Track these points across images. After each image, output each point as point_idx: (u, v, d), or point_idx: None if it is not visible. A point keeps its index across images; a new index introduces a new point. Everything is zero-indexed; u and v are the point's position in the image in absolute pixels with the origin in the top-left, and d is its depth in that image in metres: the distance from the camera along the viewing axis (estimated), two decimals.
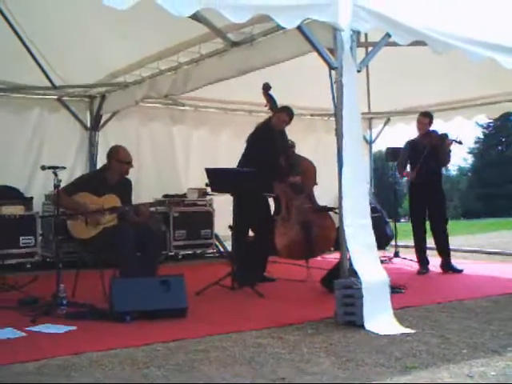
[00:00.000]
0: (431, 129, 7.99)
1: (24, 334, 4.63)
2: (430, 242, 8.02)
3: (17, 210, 5.20)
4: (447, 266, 7.83)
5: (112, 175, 6.31)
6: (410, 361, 3.81)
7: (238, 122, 9.92)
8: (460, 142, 7.85)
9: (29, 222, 8.19)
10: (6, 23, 7.03)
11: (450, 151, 7.92)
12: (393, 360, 3.83)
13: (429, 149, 7.70)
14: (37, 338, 4.52)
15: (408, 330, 4.58)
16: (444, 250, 7.91)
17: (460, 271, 7.78)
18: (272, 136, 6.97)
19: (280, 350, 4.13)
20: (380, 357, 3.90)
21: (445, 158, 7.93)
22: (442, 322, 4.95)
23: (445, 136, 7.82)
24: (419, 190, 7.84)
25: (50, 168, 5.60)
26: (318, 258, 7.35)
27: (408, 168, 8.13)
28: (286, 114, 7.05)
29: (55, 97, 9.27)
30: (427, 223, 8.04)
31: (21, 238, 8.18)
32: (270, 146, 6.93)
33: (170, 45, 7.15)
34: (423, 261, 7.90)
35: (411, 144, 8.08)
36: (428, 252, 8.01)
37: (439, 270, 7.83)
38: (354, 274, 4.80)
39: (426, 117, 7.95)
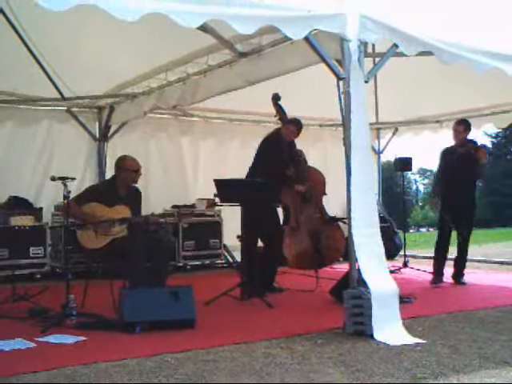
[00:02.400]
0: (469, 138, 7.72)
1: (34, 344, 4.65)
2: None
3: (27, 220, 5.22)
4: (457, 279, 7.72)
5: (121, 185, 6.34)
6: (419, 371, 3.80)
7: (246, 133, 9.96)
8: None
9: (38, 232, 8.23)
10: (15, 35, 7.08)
11: (485, 163, 7.73)
12: (402, 370, 3.82)
13: (463, 158, 7.48)
14: (47, 349, 4.54)
15: (417, 340, 4.56)
16: (460, 262, 7.77)
17: (463, 283, 7.67)
18: (281, 147, 6.99)
19: (289, 360, 4.12)
20: (389, 367, 3.89)
21: (479, 169, 7.72)
22: (452, 332, 4.93)
23: (482, 147, 7.69)
24: (451, 199, 7.60)
25: (59, 179, 5.63)
26: (327, 268, 7.32)
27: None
28: (295, 125, 7.07)
29: (64, 108, 9.32)
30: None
31: (31, 249, 8.23)
32: (278, 157, 6.94)
33: (178, 56, 7.19)
34: (439, 272, 7.71)
35: (446, 152, 7.83)
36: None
37: (450, 280, 7.76)
38: (363, 283, 4.79)
39: (460, 124, 7.65)
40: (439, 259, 7.78)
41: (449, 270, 7.82)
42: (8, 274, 6.80)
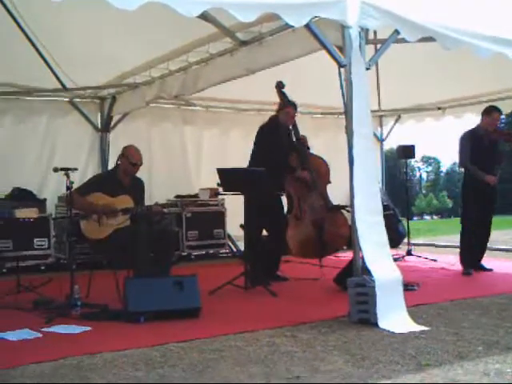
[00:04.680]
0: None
1: (40, 334, 4.67)
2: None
3: (31, 212, 5.22)
4: (479, 265, 7.59)
5: (123, 174, 6.34)
6: (424, 358, 3.80)
7: (249, 122, 9.87)
8: None
9: (42, 224, 8.23)
10: (16, 26, 7.07)
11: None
12: (407, 358, 3.82)
13: (495, 143, 7.44)
14: (52, 339, 4.56)
15: (422, 328, 4.57)
16: (482, 248, 7.66)
17: (490, 270, 7.56)
18: (280, 134, 6.99)
19: (294, 348, 4.13)
20: (394, 354, 3.90)
21: (502, 155, 7.68)
22: (456, 319, 4.94)
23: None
24: (478, 187, 7.40)
25: (62, 170, 5.64)
26: (331, 257, 7.33)
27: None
28: (294, 107, 7.06)
29: (66, 99, 9.33)
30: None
31: (35, 240, 8.24)
32: (278, 144, 6.93)
33: (179, 45, 7.17)
34: (470, 261, 7.53)
35: (472, 136, 7.51)
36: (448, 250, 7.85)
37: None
38: (367, 271, 4.79)
39: (498, 111, 7.46)
40: (469, 247, 7.55)
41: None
42: (12, 266, 6.80)
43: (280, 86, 7.08)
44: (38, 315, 5.32)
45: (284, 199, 7.20)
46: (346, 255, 7.46)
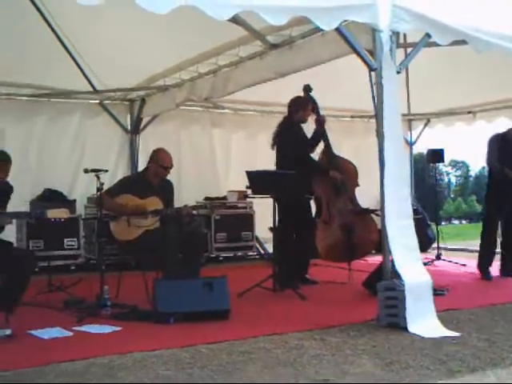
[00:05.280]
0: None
1: (71, 333, 4.75)
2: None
3: (62, 213, 5.28)
4: (508, 271, 7.44)
5: (153, 177, 6.38)
6: (455, 364, 3.76)
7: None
8: None
9: (72, 224, 8.33)
10: (48, 29, 7.17)
11: None
12: (437, 363, 3.79)
13: None
14: (83, 338, 4.62)
15: (453, 333, 4.52)
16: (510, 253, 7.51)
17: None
18: (303, 134, 7.00)
19: (322, 351, 4.12)
20: (424, 359, 3.87)
21: None
22: (488, 325, 4.87)
23: None
24: (504, 188, 7.22)
25: (92, 171, 5.70)
26: (360, 261, 7.29)
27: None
28: (311, 103, 7.03)
29: (96, 101, 9.41)
30: None
31: (65, 241, 8.35)
32: (301, 142, 6.95)
33: (209, 48, 7.20)
34: (489, 264, 7.41)
35: (502, 139, 7.38)
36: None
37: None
38: (397, 275, 4.77)
39: None
40: (491, 252, 7.45)
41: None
42: (44, 265, 6.90)
43: (307, 89, 7.08)
44: (69, 314, 5.40)
45: (312, 202, 7.19)
46: (375, 259, 7.42)
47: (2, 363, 3.89)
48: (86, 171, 5.77)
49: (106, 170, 5.88)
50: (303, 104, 7.05)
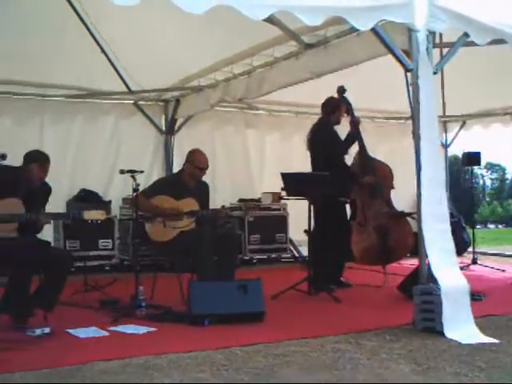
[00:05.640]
0: None
1: (106, 333, 4.79)
2: None
3: (98, 214, 5.33)
4: None
5: (188, 178, 6.40)
6: (494, 371, 3.69)
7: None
8: None
9: (107, 225, 8.38)
10: (85, 30, 7.25)
11: None
12: (476, 370, 3.71)
13: None
14: (119, 338, 4.66)
15: (491, 340, 4.43)
16: None
17: None
18: (338, 136, 6.96)
19: (358, 355, 4.09)
20: (462, 366, 3.79)
21: None
22: None
23: None
24: None
25: (128, 172, 5.73)
26: (394, 264, 7.22)
27: None
28: (345, 105, 6.98)
29: (131, 101, 9.46)
30: None
31: (100, 241, 8.42)
32: (335, 144, 6.91)
33: (243, 48, 7.20)
34: None
35: None
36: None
37: None
38: (433, 279, 4.71)
39: None
40: None
41: None
42: (79, 265, 6.97)
43: (341, 90, 7.03)
44: (105, 314, 5.45)
45: (347, 205, 7.15)
46: (409, 262, 7.37)
47: (42, 361, 3.95)
48: (121, 172, 5.80)
49: (142, 171, 5.91)
50: (337, 106, 7.01)
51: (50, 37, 7.17)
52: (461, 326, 4.58)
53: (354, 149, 7.22)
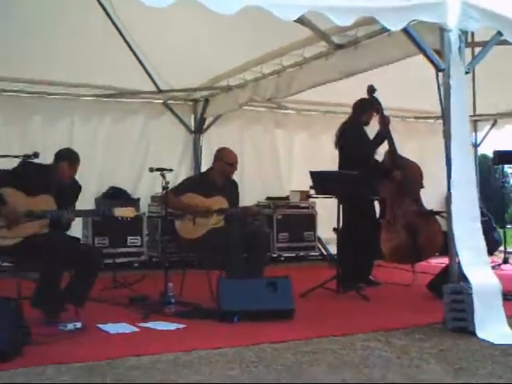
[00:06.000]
0: None
1: (136, 329, 4.82)
2: None
3: (128, 211, 5.40)
4: None
5: (218, 176, 6.43)
6: None
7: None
8: None
9: (136, 222, 8.44)
10: (114, 30, 7.31)
11: None
12: (509, 372, 3.66)
13: None
14: (149, 334, 4.69)
15: None
16: None
17: None
18: (363, 132, 6.95)
19: (388, 354, 4.07)
20: (495, 367, 3.75)
21: None
22: None
23: None
24: None
25: (157, 170, 5.77)
26: (423, 262, 7.18)
27: None
28: (375, 105, 6.96)
29: (160, 101, 9.52)
30: None
31: (128, 238, 8.49)
32: (364, 143, 6.90)
33: (273, 48, 7.21)
34: None
35: None
36: None
37: None
38: (464, 278, 4.68)
39: None
40: None
41: None
42: (108, 262, 7.04)
43: (371, 90, 7.00)
44: (134, 311, 5.49)
45: (376, 203, 7.13)
46: (439, 261, 7.32)
47: (75, 355, 4.01)
48: (151, 170, 5.85)
49: (171, 169, 5.94)
50: (367, 107, 7.00)
51: (81, 37, 7.25)
52: (493, 326, 4.53)
53: (384, 147, 7.20)
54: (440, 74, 5.08)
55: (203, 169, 8.56)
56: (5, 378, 3.55)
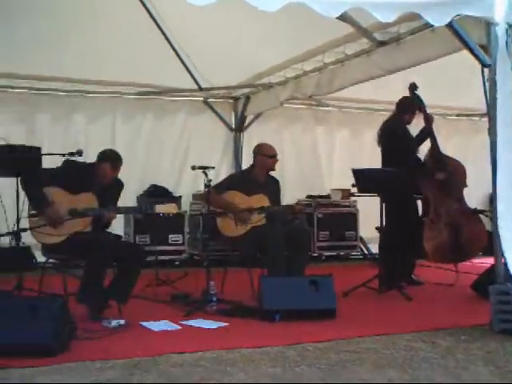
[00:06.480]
0: None
1: (179, 326, 4.85)
2: None
3: (170, 208, 5.44)
4: None
5: (259, 172, 6.44)
6: None
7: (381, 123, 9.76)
8: None
9: (177, 220, 8.52)
10: (156, 28, 7.35)
11: None
12: None
13: None
14: (191, 332, 4.71)
15: None
16: None
17: None
18: (406, 130, 6.87)
19: (433, 354, 4.02)
20: None
21: None
22: None
23: None
24: None
25: (199, 168, 5.78)
26: (467, 262, 7.08)
27: None
28: (417, 104, 6.87)
29: (201, 98, 9.56)
30: None
31: (170, 236, 8.54)
32: (407, 141, 6.83)
33: (314, 45, 7.17)
34: None
35: None
36: None
37: None
38: (511, 279, 4.59)
39: None
40: None
41: None
42: (150, 260, 7.09)
43: (413, 87, 6.91)
44: (176, 308, 5.52)
45: (419, 202, 7.05)
46: (482, 261, 7.20)
47: (118, 352, 4.05)
48: (193, 168, 5.87)
49: (213, 167, 5.96)
50: (410, 106, 6.92)
51: (123, 36, 7.31)
52: None
53: (426, 145, 7.11)
54: (485, 69, 4.99)
55: (244, 167, 8.57)
56: (52, 373, 3.60)
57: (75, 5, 6.66)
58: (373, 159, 7.17)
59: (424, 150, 7.09)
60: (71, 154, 5.64)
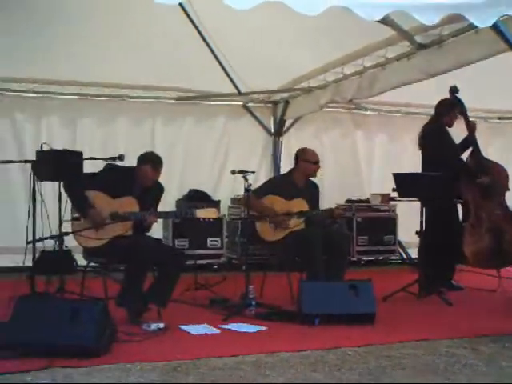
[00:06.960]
0: None
1: (218, 330, 4.86)
2: None
3: (210, 212, 5.47)
4: None
5: (299, 178, 6.42)
6: None
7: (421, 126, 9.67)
8: None
9: (216, 224, 8.53)
10: (196, 33, 7.40)
11: None
12: None
13: None
14: (230, 336, 4.73)
15: None
16: None
17: None
18: (447, 134, 6.78)
19: (475, 361, 3.97)
20: None
21: None
22: None
23: None
24: None
25: (239, 172, 5.79)
26: (509, 268, 6.97)
27: None
28: (458, 106, 6.78)
29: (240, 103, 9.58)
30: None
31: (208, 240, 8.57)
32: (449, 145, 6.75)
33: (354, 49, 7.13)
34: None
35: None
36: None
37: None
38: None
39: None
40: None
41: None
42: (189, 264, 7.12)
43: (454, 90, 6.82)
44: (215, 312, 5.54)
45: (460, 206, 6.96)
46: None
47: (158, 355, 4.09)
48: (233, 172, 5.88)
49: (253, 172, 5.97)
50: (450, 108, 6.83)
51: (162, 41, 7.36)
52: None
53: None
54: None
55: (282, 171, 8.55)
56: (94, 374, 3.66)
57: (117, 10, 6.73)
58: (413, 163, 7.10)
59: (464, 154, 7.01)
60: (113, 158, 5.73)
